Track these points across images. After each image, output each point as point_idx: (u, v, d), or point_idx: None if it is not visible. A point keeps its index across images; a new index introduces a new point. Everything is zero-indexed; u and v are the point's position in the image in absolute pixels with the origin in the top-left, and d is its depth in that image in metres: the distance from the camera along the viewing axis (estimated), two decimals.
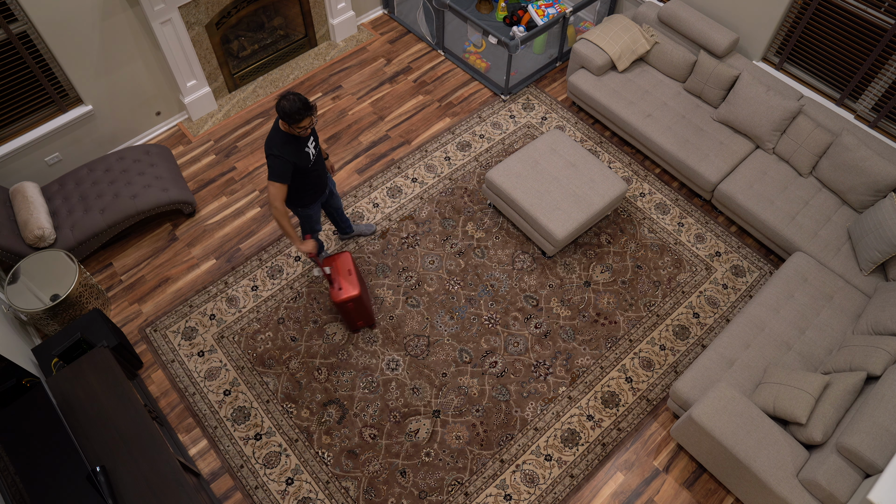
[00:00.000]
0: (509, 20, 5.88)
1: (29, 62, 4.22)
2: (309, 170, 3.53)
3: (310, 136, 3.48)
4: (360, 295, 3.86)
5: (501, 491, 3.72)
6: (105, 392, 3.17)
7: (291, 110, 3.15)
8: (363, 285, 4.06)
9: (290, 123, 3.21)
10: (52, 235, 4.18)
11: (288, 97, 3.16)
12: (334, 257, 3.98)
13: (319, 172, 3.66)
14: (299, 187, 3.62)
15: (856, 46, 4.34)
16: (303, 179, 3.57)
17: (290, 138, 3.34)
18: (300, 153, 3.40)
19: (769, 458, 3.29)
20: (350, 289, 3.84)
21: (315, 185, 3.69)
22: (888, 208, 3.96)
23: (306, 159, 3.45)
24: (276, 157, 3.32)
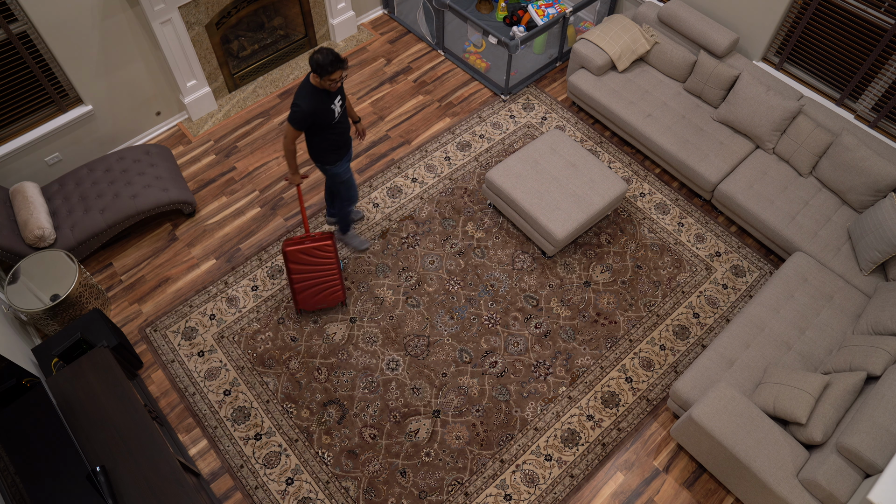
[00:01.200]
0: (509, 20, 5.88)
1: (29, 62, 4.22)
2: (333, 126, 3.68)
3: (337, 94, 3.63)
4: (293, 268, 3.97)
5: (501, 491, 3.72)
6: (105, 392, 3.17)
7: (324, 62, 3.33)
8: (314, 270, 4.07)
9: (321, 75, 3.38)
10: (52, 235, 4.18)
11: (321, 50, 3.35)
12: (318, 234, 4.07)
13: (343, 132, 3.80)
14: (322, 143, 3.77)
15: (856, 46, 4.34)
16: (325, 135, 3.72)
17: (316, 92, 3.51)
18: (324, 108, 3.55)
19: (769, 458, 3.29)
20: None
21: (338, 144, 3.82)
22: (888, 208, 3.96)
23: (330, 115, 3.60)
24: (297, 107, 3.51)
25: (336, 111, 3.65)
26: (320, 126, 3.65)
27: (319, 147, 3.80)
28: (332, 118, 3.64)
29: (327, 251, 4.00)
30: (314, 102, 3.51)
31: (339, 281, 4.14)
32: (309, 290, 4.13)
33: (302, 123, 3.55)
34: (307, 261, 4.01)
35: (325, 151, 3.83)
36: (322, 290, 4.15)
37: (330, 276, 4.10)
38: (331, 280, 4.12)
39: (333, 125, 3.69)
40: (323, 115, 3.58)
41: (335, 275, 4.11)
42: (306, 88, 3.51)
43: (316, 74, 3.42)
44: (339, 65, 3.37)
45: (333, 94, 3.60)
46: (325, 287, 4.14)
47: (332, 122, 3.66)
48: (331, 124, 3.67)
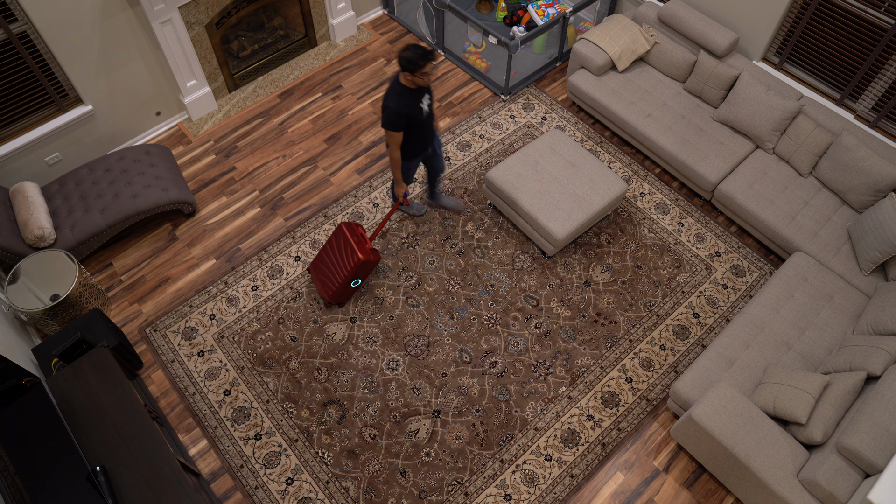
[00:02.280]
0: (509, 20, 5.88)
1: (29, 62, 4.22)
2: (420, 123, 3.73)
3: (426, 92, 3.67)
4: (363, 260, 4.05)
5: (501, 491, 3.72)
6: (105, 392, 3.17)
7: (414, 58, 3.36)
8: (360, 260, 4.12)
9: (413, 71, 3.41)
10: (52, 235, 4.18)
11: (409, 47, 3.38)
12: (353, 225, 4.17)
13: (428, 130, 3.86)
14: (408, 141, 3.83)
15: (856, 46, 4.34)
16: (412, 133, 3.78)
17: (405, 91, 3.55)
18: (414, 106, 3.61)
19: (769, 458, 3.29)
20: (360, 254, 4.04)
21: (420, 141, 3.88)
22: (888, 208, 3.96)
23: (419, 113, 3.66)
24: (389, 109, 3.56)
25: (424, 109, 3.69)
26: (410, 125, 3.69)
27: (405, 144, 3.86)
28: (422, 116, 3.68)
29: (353, 260, 4.04)
30: (403, 101, 3.55)
31: (337, 285, 4.15)
32: (321, 266, 4.27)
33: (398, 124, 3.58)
34: (339, 248, 4.11)
35: (408, 148, 3.89)
36: (324, 277, 4.24)
37: (338, 274, 4.14)
38: (335, 278, 4.16)
39: (421, 124, 3.73)
40: (414, 115, 3.62)
41: (340, 278, 4.12)
42: (394, 88, 3.54)
43: (407, 72, 3.43)
44: (429, 57, 3.38)
45: (422, 92, 3.63)
46: (328, 278, 4.21)
47: (421, 120, 3.70)
48: (419, 123, 3.71)
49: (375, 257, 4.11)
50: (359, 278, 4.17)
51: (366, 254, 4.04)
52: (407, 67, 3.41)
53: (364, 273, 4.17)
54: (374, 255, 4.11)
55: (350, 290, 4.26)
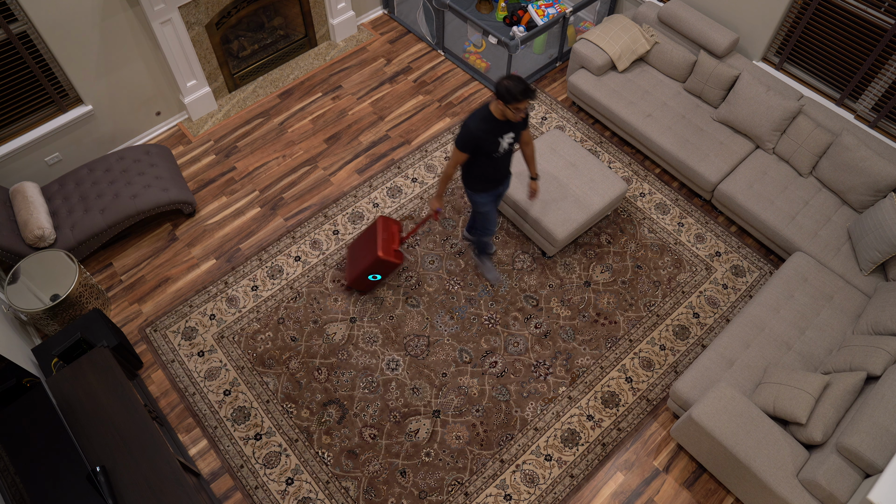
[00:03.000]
0: (509, 20, 5.88)
1: (29, 62, 4.22)
2: (490, 158, 3.55)
3: (510, 130, 3.48)
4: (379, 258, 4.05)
5: (501, 491, 3.72)
6: (105, 392, 3.17)
7: (515, 90, 3.20)
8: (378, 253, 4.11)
9: (507, 102, 3.24)
10: (52, 235, 4.18)
11: (511, 77, 3.22)
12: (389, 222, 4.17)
13: (500, 168, 3.66)
14: (474, 168, 3.66)
15: (856, 46, 4.34)
16: (480, 162, 3.59)
17: (490, 119, 3.39)
18: (492, 137, 3.43)
19: (769, 458, 3.29)
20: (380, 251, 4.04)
21: (490, 173, 3.68)
22: (888, 208, 3.96)
23: (494, 147, 3.47)
24: (466, 127, 3.41)
25: (502, 146, 3.49)
26: (480, 153, 3.51)
27: (470, 170, 3.69)
28: (497, 149, 3.49)
29: (372, 255, 4.03)
30: (484, 128, 3.38)
31: (356, 274, 4.18)
32: (354, 249, 4.32)
33: (466, 145, 3.42)
34: (369, 238, 4.13)
35: (473, 177, 3.71)
36: (351, 261, 4.30)
37: (359, 264, 4.17)
38: (356, 265, 4.21)
39: (493, 157, 3.54)
40: (487, 145, 3.44)
41: (359, 268, 4.15)
42: (481, 112, 3.39)
43: (500, 101, 3.26)
44: (529, 94, 3.21)
45: (507, 127, 3.44)
46: (352, 264, 4.28)
47: (492, 155, 3.51)
48: (491, 156, 3.52)
49: (397, 259, 4.06)
50: (378, 274, 4.16)
51: (386, 253, 4.02)
52: (503, 96, 3.23)
53: (383, 271, 4.15)
54: (397, 256, 4.08)
55: (369, 283, 4.26)
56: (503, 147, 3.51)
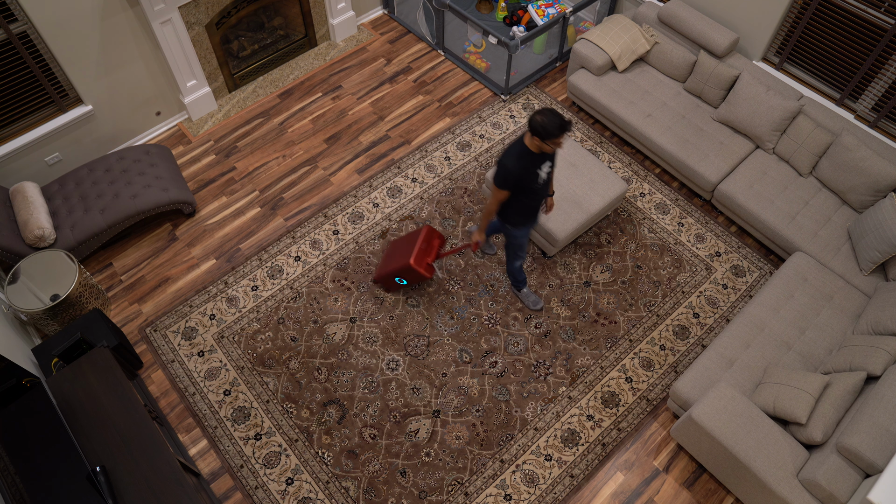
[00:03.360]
0: (509, 20, 5.88)
1: (29, 62, 4.22)
2: (533, 189, 3.44)
3: (547, 159, 3.39)
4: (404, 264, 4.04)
5: (501, 491, 3.72)
6: (105, 392, 3.17)
7: (551, 127, 3.08)
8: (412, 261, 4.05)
9: (543, 139, 3.13)
10: (52, 235, 4.18)
11: (544, 112, 3.09)
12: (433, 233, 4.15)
13: (540, 199, 3.57)
14: (514, 204, 3.56)
15: (856, 46, 4.34)
16: (521, 198, 3.50)
17: (527, 153, 3.28)
18: (531, 171, 3.33)
19: (769, 458, 3.29)
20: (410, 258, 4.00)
21: (530, 207, 3.59)
22: (888, 208, 3.96)
23: (534, 180, 3.38)
24: (503, 166, 3.31)
25: (541, 176, 3.41)
26: (520, 188, 3.42)
27: (510, 207, 3.59)
28: (536, 183, 3.41)
29: (404, 259, 4.00)
30: (522, 164, 3.29)
31: (385, 271, 4.18)
32: (392, 246, 4.34)
33: (507, 183, 3.34)
34: (407, 242, 4.12)
35: (514, 212, 3.62)
36: (386, 257, 4.33)
37: (391, 263, 4.17)
38: (387, 263, 4.22)
39: (534, 191, 3.46)
40: (527, 179, 3.36)
41: (389, 268, 4.15)
42: (516, 148, 3.29)
43: (536, 137, 3.15)
44: (566, 128, 3.11)
45: (544, 158, 3.35)
46: (385, 260, 4.30)
47: (533, 188, 3.43)
48: (531, 189, 3.43)
49: (427, 272, 3.99)
50: (404, 279, 4.14)
51: (418, 262, 3.95)
52: (539, 133, 3.11)
53: (411, 278, 4.10)
54: (428, 270, 4.01)
55: (394, 284, 4.27)
56: (542, 178, 3.42)
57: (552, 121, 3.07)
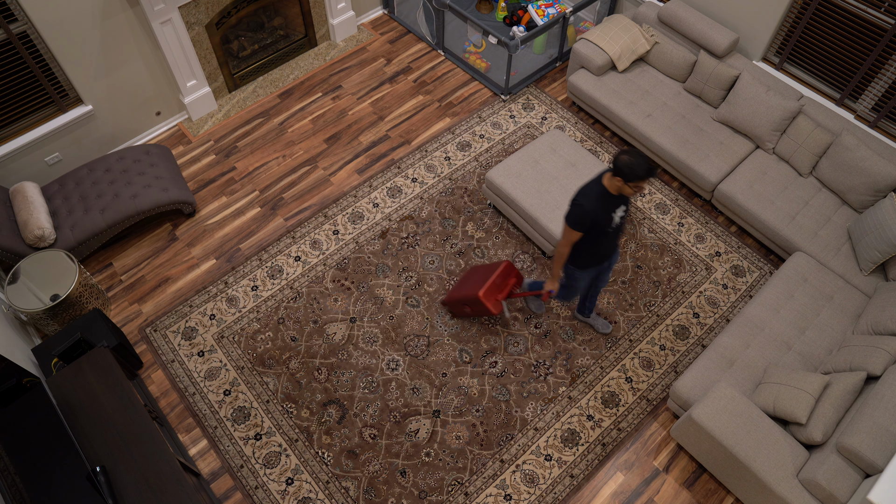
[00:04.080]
0: (509, 20, 5.88)
1: (29, 62, 4.22)
2: (606, 232, 3.30)
3: (623, 203, 3.24)
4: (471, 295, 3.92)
5: (501, 491, 3.72)
6: (105, 392, 3.17)
7: (638, 170, 2.93)
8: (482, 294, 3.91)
9: (626, 180, 2.99)
10: (52, 235, 4.18)
11: (632, 153, 2.95)
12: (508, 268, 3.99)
13: (612, 241, 3.42)
14: (583, 246, 3.42)
15: (856, 46, 4.34)
16: (593, 240, 3.36)
17: (605, 194, 3.15)
18: (607, 213, 3.20)
19: (769, 458, 3.29)
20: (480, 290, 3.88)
21: (601, 251, 3.44)
22: (888, 208, 3.96)
23: (608, 223, 3.25)
24: (579, 205, 3.17)
25: (616, 220, 3.26)
26: (593, 230, 3.28)
27: (579, 247, 3.44)
28: (610, 225, 3.25)
29: (474, 290, 3.89)
30: (598, 204, 3.14)
31: (454, 296, 4.08)
32: (467, 274, 4.21)
33: (581, 225, 3.19)
34: (483, 273, 3.99)
35: (581, 254, 3.47)
36: (461, 281, 4.22)
37: (462, 289, 4.06)
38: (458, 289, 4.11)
39: (606, 233, 3.30)
40: (602, 222, 3.21)
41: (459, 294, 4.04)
42: (594, 189, 3.15)
43: (618, 177, 3.00)
44: (652, 172, 2.97)
45: (620, 201, 3.21)
46: (459, 285, 4.19)
47: (606, 230, 3.28)
48: (604, 232, 3.28)
49: (494, 308, 3.86)
50: (472, 309, 4.01)
51: (486, 297, 3.83)
52: (623, 174, 2.97)
53: (477, 310, 3.97)
54: (495, 306, 3.87)
55: (461, 311, 4.14)
56: (615, 222, 3.28)
57: (640, 163, 2.93)
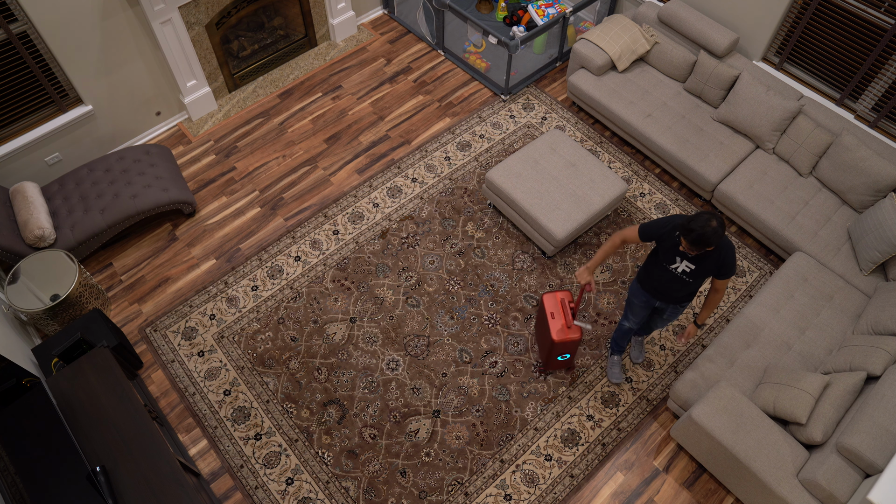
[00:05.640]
0: (509, 20, 5.88)
1: (29, 62, 4.22)
2: (661, 265, 3.26)
3: (691, 260, 3.12)
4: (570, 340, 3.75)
5: (501, 491, 3.72)
6: (105, 392, 3.17)
7: (688, 226, 2.86)
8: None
9: (681, 233, 2.94)
10: (52, 235, 4.18)
11: (702, 217, 2.86)
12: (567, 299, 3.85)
13: (665, 283, 3.31)
14: (647, 262, 3.39)
15: (856, 46, 4.34)
16: (654, 262, 3.31)
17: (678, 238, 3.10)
18: (669, 251, 3.16)
19: (769, 458, 3.29)
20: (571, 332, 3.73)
21: (652, 276, 3.37)
22: (888, 208, 3.96)
23: (668, 258, 3.18)
24: (659, 219, 3.19)
25: (676, 269, 3.19)
26: (656, 251, 3.27)
27: (646, 262, 3.41)
28: (669, 262, 3.19)
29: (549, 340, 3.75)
30: (667, 234, 3.12)
31: (544, 357, 3.95)
32: (537, 336, 4.06)
33: (648, 232, 3.18)
34: (540, 324, 3.88)
35: (644, 266, 3.44)
36: (540, 346, 4.07)
37: (544, 348, 3.92)
38: (544, 350, 3.94)
39: (663, 267, 3.25)
40: (662, 249, 3.18)
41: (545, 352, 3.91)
42: (675, 220, 3.12)
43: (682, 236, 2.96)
44: (685, 236, 2.88)
45: (684, 255, 3.11)
46: (541, 347, 4.05)
47: (663, 264, 3.24)
48: (661, 263, 3.24)
49: (574, 335, 3.71)
50: (565, 353, 3.84)
51: (560, 336, 3.70)
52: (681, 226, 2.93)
53: (567, 349, 3.80)
54: (574, 332, 3.72)
55: (560, 363, 3.98)
56: (676, 267, 3.19)
57: (693, 224, 2.86)
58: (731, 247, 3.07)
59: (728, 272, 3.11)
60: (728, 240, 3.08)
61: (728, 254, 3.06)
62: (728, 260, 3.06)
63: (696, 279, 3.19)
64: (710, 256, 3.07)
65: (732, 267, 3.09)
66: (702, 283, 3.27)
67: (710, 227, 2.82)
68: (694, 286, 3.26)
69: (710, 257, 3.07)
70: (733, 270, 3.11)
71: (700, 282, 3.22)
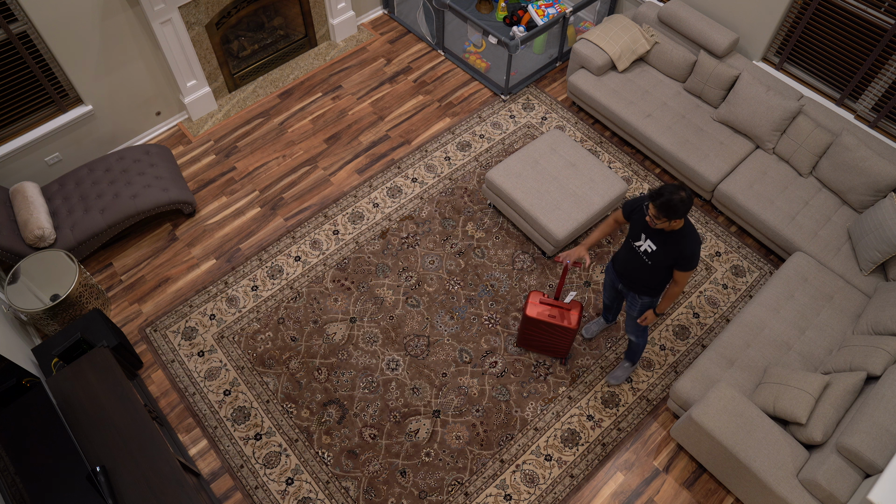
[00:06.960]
0: (509, 20, 5.88)
1: (29, 62, 4.22)
2: (628, 243, 3.34)
3: (653, 238, 3.16)
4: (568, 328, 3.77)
5: (501, 491, 3.72)
6: (105, 392, 3.17)
7: (657, 192, 2.91)
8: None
9: (648, 201, 3.00)
10: (52, 235, 4.18)
11: (673, 186, 2.91)
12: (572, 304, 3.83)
13: (626, 261, 3.38)
14: (622, 245, 3.46)
15: (856, 46, 4.34)
16: (624, 243, 3.40)
17: (647, 203, 3.11)
18: (635, 227, 3.23)
19: (769, 458, 3.29)
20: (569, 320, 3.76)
21: (617, 256, 3.48)
22: (888, 208, 3.96)
23: (635, 234, 3.25)
24: (637, 197, 3.27)
25: (640, 247, 3.24)
26: (629, 229, 3.33)
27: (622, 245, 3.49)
28: (634, 239, 3.26)
29: (566, 330, 3.77)
30: (638, 209, 3.21)
31: (566, 345, 3.92)
32: (534, 338, 4.00)
33: (625, 209, 3.29)
34: (544, 319, 3.79)
35: (618, 251, 3.53)
36: (545, 345, 4.02)
37: (558, 339, 3.89)
38: (558, 342, 3.93)
39: (629, 245, 3.32)
40: (632, 228, 3.26)
41: (564, 341, 3.89)
42: (647, 197, 3.15)
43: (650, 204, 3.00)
44: (653, 201, 2.93)
45: (651, 232, 3.16)
46: (550, 344, 3.99)
47: (629, 243, 3.32)
48: (629, 240, 3.32)
49: (575, 309, 3.77)
50: (554, 337, 3.89)
51: (572, 322, 3.73)
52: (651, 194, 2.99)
53: (565, 335, 3.84)
54: (572, 305, 3.77)
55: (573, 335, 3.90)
56: (640, 245, 3.24)
57: (659, 187, 2.93)
58: (697, 240, 3.08)
59: (688, 264, 3.10)
60: (696, 232, 3.11)
61: (691, 244, 3.07)
62: (689, 251, 3.06)
63: (655, 263, 3.19)
64: (673, 239, 3.08)
65: (693, 259, 3.08)
66: (661, 275, 3.27)
67: (678, 195, 2.87)
68: (654, 273, 3.26)
69: (673, 240, 3.08)
70: (694, 264, 3.10)
71: (660, 271, 3.23)
